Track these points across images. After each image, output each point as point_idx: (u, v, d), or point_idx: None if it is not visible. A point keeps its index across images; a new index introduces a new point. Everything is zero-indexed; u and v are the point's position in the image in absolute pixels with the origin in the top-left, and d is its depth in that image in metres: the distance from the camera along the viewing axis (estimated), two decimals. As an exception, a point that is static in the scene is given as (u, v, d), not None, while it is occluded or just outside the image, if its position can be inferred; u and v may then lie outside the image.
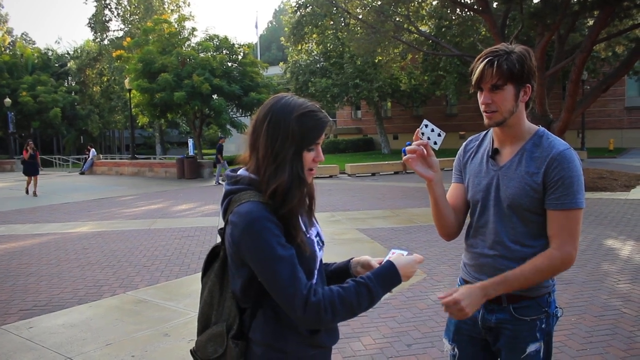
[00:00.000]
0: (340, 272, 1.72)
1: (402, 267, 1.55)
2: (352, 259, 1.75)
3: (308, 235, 1.54)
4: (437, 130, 1.83)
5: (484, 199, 1.89)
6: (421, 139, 1.82)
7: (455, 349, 2.01)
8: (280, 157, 1.46)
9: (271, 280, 1.42)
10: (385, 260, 1.59)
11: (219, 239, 1.60)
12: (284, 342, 1.50)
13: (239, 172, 1.57)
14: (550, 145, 1.79)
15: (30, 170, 16.62)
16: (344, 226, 9.45)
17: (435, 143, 1.83)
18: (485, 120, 1.82)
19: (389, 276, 1.53)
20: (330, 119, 1.56)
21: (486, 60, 1.74)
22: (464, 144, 2.08)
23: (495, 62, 1.72)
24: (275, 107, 1.50)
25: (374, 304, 1.53)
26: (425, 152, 1.80)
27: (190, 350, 1.62)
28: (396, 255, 1.60)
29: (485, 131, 2.01)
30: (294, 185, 1.46)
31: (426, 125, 1.84)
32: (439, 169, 1.85)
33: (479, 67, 1.75)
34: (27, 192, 16.65)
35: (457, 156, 2.07)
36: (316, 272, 1.56)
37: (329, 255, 1.69)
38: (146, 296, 5.61)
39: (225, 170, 18.60)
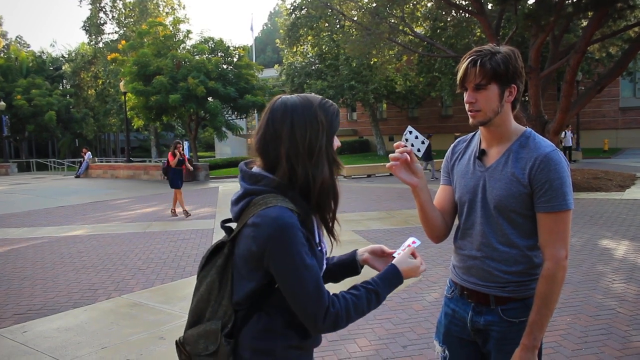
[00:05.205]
0: (345, 265, 1.78)
1: (405, 270, 1.62)
2: (356, 250, 1.81)
3: (323, 245, 1.60)
4: (420, 137, 1.84)
5: (471, 201, 1.89)
6: (405, 145, 1.82)
7: (446, 351, 2.01)
8: (317, 149, 1.47)
9: (297, 288, 1.42)
10: (389, 265, 1.65)
11: (219, 236, 1.57)
12: (273, 346, 1.50)
13: (254, 170, 1.52)
14: (537, 146, 1.78)
15: (178, 181, 11.93)
16: (339, 228, 9.42)
17: (418, 150, 1.83)
18: (470, 120, 1.82)
19: (394, 280, 1.60)
20: None
21: (470, 59, 1.75)
22: (452, 145, 2.07)
23: (479, 62, 1.72)
24: (292, 105, 1.49)
25: (379, 306, 1.59)
26: (409, 158, 1.80)
27: (176, 341, 1.58)
28: (402, 256, 1.66)
29: (474, 132, 2.00)
30: (333, 172, 1.51)
31: (410, 132, 1.84)
32: (423, 175, 1.86)
33: (462, 66, 1.77)
34: (186, 213, 11.77)
35: (445, 158, 2.07)
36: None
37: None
38: (141, 299, 5.60)
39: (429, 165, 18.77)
